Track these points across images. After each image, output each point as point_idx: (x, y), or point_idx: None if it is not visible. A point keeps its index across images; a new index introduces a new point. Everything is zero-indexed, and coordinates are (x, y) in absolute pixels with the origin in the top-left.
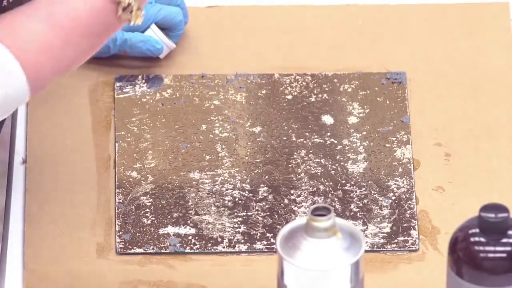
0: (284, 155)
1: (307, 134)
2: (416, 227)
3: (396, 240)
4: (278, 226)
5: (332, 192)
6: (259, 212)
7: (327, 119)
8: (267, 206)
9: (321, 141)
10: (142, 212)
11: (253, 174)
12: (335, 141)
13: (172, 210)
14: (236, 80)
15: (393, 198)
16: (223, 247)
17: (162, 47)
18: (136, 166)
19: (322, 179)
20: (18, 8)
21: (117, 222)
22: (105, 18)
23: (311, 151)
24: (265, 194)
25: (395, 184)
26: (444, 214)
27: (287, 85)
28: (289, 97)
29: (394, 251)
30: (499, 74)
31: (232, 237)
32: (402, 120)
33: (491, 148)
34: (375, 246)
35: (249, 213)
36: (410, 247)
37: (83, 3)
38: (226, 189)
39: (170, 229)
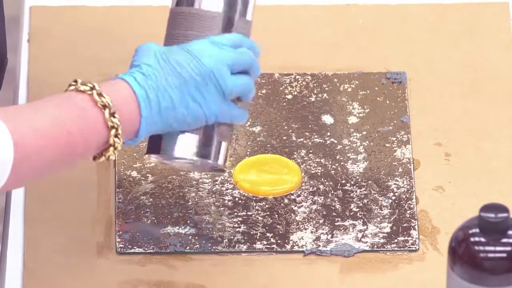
0: (284, 155)
1: (307, 134)
2: (416, 227)
3: (396, 240)
4: (278, 226)
5: (332, 192)
6: (259, 212)
7: (327, 119)
8: (267, 206)
9: (321, 141)
10: (142, 212)
11: None
12: (335, 141)
13: (172, 210)
14: None
15: (393, 198)
16: (223, 247)
17: None
18: (136, 165)
19: (322, 179)
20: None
21: (117, 222)
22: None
23: (311, 151)
24: None
25: (395, 184)
26: (444, 214)
27: (287, 84)
28: (289, 96)
29: (394, 251)
30: (499, 74)
31: (232, 237)
32: (402, 120)
33: (491, 148)
34: (375, 246)
35: (249, 213)
36: (410, 247)
37: (84, 122)
38: (226, 189)
39: (170, 229)
